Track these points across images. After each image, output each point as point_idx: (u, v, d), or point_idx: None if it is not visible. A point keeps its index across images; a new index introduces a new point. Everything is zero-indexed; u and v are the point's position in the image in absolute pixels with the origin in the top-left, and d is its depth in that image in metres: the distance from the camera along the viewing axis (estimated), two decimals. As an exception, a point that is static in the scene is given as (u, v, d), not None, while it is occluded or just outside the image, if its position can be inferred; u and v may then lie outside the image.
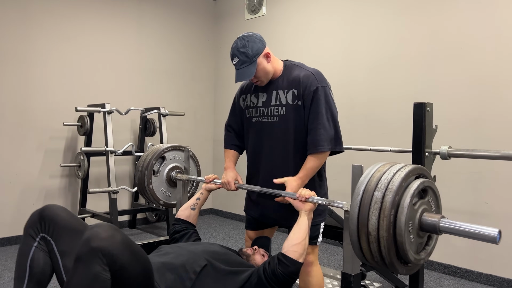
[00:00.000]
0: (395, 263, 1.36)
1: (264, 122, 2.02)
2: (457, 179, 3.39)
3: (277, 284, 1.61)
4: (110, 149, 3.96)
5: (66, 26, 4.34)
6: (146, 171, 2.33)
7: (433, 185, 1.46)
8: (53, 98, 4.26)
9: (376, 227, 1.33)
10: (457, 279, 3.36)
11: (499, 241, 1.25)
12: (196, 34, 5.44)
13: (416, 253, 1.40)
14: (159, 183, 2.42)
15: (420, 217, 1.39)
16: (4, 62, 3.97)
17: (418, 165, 1.46)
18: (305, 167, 1.90)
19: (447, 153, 2.13)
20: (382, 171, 1.42)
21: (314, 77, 1.95)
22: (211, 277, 1.64)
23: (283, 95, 1.97)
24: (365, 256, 1.41)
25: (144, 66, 4.93)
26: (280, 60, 2.08)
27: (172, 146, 2.46)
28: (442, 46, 3.47)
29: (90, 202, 4.46)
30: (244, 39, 1.92)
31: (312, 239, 1.94)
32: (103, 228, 1.40)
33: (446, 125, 3.44)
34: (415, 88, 3.62)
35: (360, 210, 1.38)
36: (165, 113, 4.44)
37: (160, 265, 1.64)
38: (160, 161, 2.42)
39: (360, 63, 4.04)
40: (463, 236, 1.32)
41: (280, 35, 4.79)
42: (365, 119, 4.00)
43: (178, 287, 1.57)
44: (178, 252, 1.74)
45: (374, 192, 1.37)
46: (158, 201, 2.39)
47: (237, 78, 1.91)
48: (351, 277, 1.60)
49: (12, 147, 4.05)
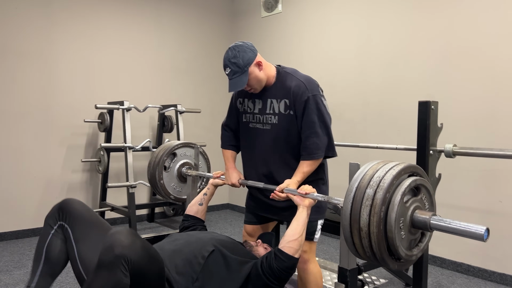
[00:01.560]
0: (386, 258, 1.40)
1: (260, 129, 2.08)
2: (471, 177, 3.37)
3: (274, 278, 1.67)
4: (129, 145, 4.10)
5: (87, 27, 4.50)
6: (158, 167, 2.43)
7: (426, 183, 1.49)
8: (75, 96, 4.42)
9: (367, 223, 1.38)
10: (470, 278, 3.34)
11: (487, 239, 1.28)
12: (213, 32, 5.52)
13: (407, 249, 1.44)
14: (170, 178, 2.51)
15: (412, 214, 1.43)
16: (29, 62, 4.16)
17: (411, 163, 1.49)
18: (301, 171, 1.98)
19: (452, 151, 2.14)
20: (376, 169, 1.46)
21: (305, 87, 1.98)
22: (218, 263, 1.72)
23: (276, 104, 2.02)
24: (357, 251, 1.46)
25: (162, 64, 5.05)
26: (273, 66, 2.11)
27: (183, 143, 2.55)
28: (456, 43, 3.44)
29: (110, 196, 4.62)
30: (235, 49, 1.96)
31: (308, 235, 1.99)
32: (125, 235, 1.46)
33: (460, 122, 3.41)
34: (429, 86, 3.60)
35: (352, 206, 1.42)
36: (181, 110, 4.55)
37: (170, 252, 1.73)
38: (171, 157, 2.52)
39: (374, 61, 4.03)
40: (453, 233, 1.35)
41: (296, 32, 4.82)
42: (379, 116, 4.00)
43: (188, 271, 1.65)
44: (187, 240, 1.83)
45: (366, 189, 1.41)
46: (169, 196, 2.48)
47: (230, 88, 1.96)
48: (347, 271, 1.65)
49: (37, 143, 4.23)
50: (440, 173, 2.25)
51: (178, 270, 1.65)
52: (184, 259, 1.69)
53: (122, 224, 4.79)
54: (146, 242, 1.54)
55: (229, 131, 2.28)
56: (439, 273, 3.44)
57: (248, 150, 2.18)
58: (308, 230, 1.99)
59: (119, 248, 1.40)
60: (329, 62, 4.43)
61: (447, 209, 3.50)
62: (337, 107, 4.38)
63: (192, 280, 1.63)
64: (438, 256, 3.59)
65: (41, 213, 4.28)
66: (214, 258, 1.72)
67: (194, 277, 1.64)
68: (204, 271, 1.67)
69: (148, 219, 5.02)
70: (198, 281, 1.64)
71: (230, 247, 1.83)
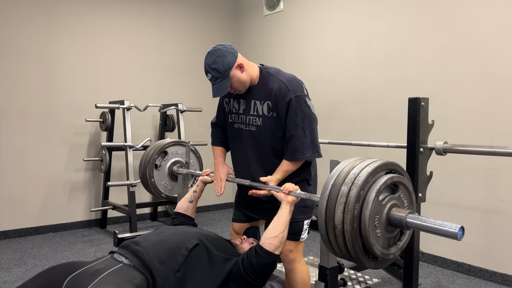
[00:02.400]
0: (361, 257, 1.37)
1: (244, 130, 2.06)
2: (471, 176, 3.30)
3: (254, 274, 1.66)
4: (129, 144, 4.12)
5: (89, 27, 4.54)
6: (148, 165, 2.44)
7: (405, 181, 1.46)
8: (77, 96, 4.47)
9: (341, 220, 1.36)
10: (471, 278, 3.28)
11: (461, 238, 1.24)
12: (215, 30, 5.52)
13: (384, 248, 1.41)
14: (161, 177, 2.52)
15: (389, 212, 1.40)
16: (31, 62, 4.21)
17: (389, 160, 1.46)
18: (282, 169, 1.96)
19: (442, 149, 2.10)
20: (352, 166, 1.44)
21: (287, 88, 1.92)
22: (202, 257, 1.72)
23: (260, 106, 1.99)
24: (334, 249, 1.44)
25: (164, 63, 5.07)
26: (256, 65, 2.05)
27: (174, 141, 2.55)
28: (456, 39, 3.37)
29: (113, 195, 4.66)
30: (214, 54, 1.90)
31: (294, 235, 1.97)
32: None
33: (461, 120, 3.35)
34: (430, 83, 3.54)
35: (328, 204, 1.40)
36: (182, 109, 4.56)
37: (155, 242, 1.73)
38: (162, 155, 2.52)
39: (375, 58, 3.99)
40: (428, 231, 1.32)
41: (298, 30, 4.79)
42: (380, 114, 3.95)
43: (171, 261, 1.65)
44: (173, 232, 1.84)
45: (341, 187, 1.39)
46: (160, 194, 2.49)
47: (214, 94, 1.93)
48: (327, 269, 1.62)
49: (39, 142, 4.29)
50: (431, 171, 2.21)
51: (160, 259, 1.65)
52: (168, 249, 1.69)
53: (124, 222, 4.82)
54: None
55: (218, 128, 2.27)
56: (440, 273, 3.38)
57: (234, 150, 2.17)
58: (295, 230, 1.98)
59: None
60: (330, 60, 4.39)
61: (448, 208, 3.44)
62: (338, 105, 4.34)
63: (173, 271, 1.63)
64: (439, 256, 3.53)
65: (44, 212, 4.33)
66: (198, 251, 1.72)
67: (176, 268, 1.64)
68: (187, 263, 1.67)
69: (151, 217, 5.04)
70: (179, 272, 1.64)
71: (216, 243, 1.82)
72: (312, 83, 4.54)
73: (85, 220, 4.61)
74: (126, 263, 1.62)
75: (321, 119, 4.39)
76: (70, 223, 4.51)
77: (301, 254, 2.05)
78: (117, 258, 1.67)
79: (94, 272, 1.55)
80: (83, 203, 4.60)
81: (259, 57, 5.20)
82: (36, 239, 4.15)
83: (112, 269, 1.57)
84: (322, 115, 4.48)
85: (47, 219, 4.38)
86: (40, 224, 4.33)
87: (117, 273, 1.55)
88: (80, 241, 4.12)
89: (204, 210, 5.49)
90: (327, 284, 1.63)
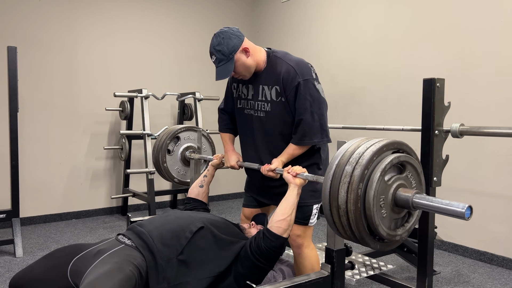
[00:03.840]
0: (365, 237, 1.34)
1: (253, 116, 2.03)
2: (493, 162, 3.19)
3: (262, 257, 1.65)
4: (147, 132, 4.17)
5: (107, 16, 4.59)
6: (161, 150, 2.46)
7: (413, 161, 1.41)
8: (96, 85, 4.54)
9: (345, 200, 1.33)
10: (493, 267, 3.18)
11: (469, 217, 1.20)
12: (232, 18, 5.50)
13: (390, 228, 1.38)
14: (174, 162, 2.53)
15: (395, 192, 1.36)
16: (52, 52, 4.30)
17: (396, 140, 1.42)
18: (288, 152, 1.94)
19: (458, 131, 2.02)
20: (358, 146, 1.41)
21: (295, 72, 1.88)
22: (207, 240, 1.71)
23: (268, 91, 1.95)
24: (338, 230, 1.41)
25: (181, 52, 5.09)
26: (263, 50, 2.00)
27: (186, 126, 2.56)
28: (478, 21, 3.24)
29: (133, 183, 4.74)
30: (219, 36, 1.88)
31: (303, 220, 1.95)
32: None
33: (482, 103, 3.23)
34: (450, 66, 3.43)
35: (331, 184, 1.38)
36: (200, 98, 4.58)
37: (159, 224, 1.75)
38: (175, 141, 2.53)
39: (394, 42, 3.89)
40: (435, 211, 1.28)
41: (316, 17, 4.71)
42: (399, 99, 3.86)
43: (174, 243, 1.65)
44: (178, 215, 1.85)
45: (345, 166, 1.36)
46: (173, 179, 2.51)
47: (217, 76, 1.90)
48: (333, 252, 1.60)
49: (61, 131, 4.39)
50: (447, 155, 2.14)
51: (163, 241, 1.65)
52: (171, 231, 1.70)
53: (144, 210, 4.90)
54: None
55: (226, 114, 2.25)
56: (460, 262, 3.30)
57: (243, 136, 2.15)
58: (303, 214, 1.96)
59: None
60: (349, 45, 4.31)
61: (468, 195, 3.34)
62: (357, 91, 4.27)
63: (176, 253, 1.63)
64: (460, 245, 3.44)
65: (67, 199, 4.45)
66: (203, 234, 1.71)
67: (179, 250, 1.64)
68: (190, 246, 1.66)
69: (171, 205, 5.10)
70: (182, 254, 1.64)
71: (222, 227, 1.82)
72: (331, 69, 4.47)
73: (107, 207, 4.71)
74: (128, 244, 1.64)
75: (339, 106, 4.38)
76: (92, 210, 4.62)
77: (310, 239, 2.03)
78: (120, 239, 1.69)
79: (97, 253, 1.59)
80: (104, 190, 4.70)
81: (277, 44, 5.15)
82: (59, 225, 4.27)
83: (113, 250, 1.59)
84: (341, 102, 4.42)
85: (70, 206, 4.49)
86: (64, 211, 4.44)
87: (117, 254, 1.57)
88: (102, 227, 4.21)
89: (223, 199, 5.52)
90: (333, 266, 1.60)
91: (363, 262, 2.57)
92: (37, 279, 1.62)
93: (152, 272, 1.57)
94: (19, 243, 3.38)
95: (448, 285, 2.84)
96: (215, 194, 5.41)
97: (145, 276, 1.56)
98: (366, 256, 2.67)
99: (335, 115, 4.37)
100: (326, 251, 1.63)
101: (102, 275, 1.42)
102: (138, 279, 1.51)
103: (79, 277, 1.54)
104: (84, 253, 1.62)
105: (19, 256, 3.33)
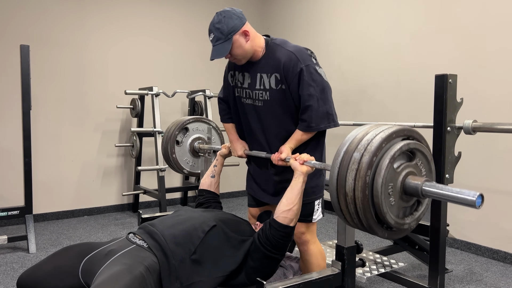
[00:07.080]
0: (373, 225, 1.32)
1: (252, 105, 1.99)
2: (507, 159, 3.13)
3: (271, 247, 1.64)
4: (158, 130, 4.19)
5: (118, 14, 4.64)
6: (170, 141, 2.46)
7: (423, 148, 1.39)
8: (107, 83, 4.59)
9: (353, 188, 1.31)
10: (506, 266, 3.12)
11: (480, 206, 1.17)
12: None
13: (398, 217, 1.35)
14: (183, 153, 2.54)
15: (404, 180, 1.34)
16: (63, 50, 4.35)
17: (406, 126, 1.39)
18: (295, 137, 1.91)
19: (471, 127, 1.99)
20: (366, 132, 1.39)
21: (296, 58, 1.84)
22: (219, 239, 1.71)
23: (267, 79, 1.90)
24: (346, 218, 1.39)
25: (192, 49, 5.11)
26: (262, 37, 1.97)
27: (195, 118, 2.57)
28: (493, 16, 3.19)
29: (144, 180, 4.76)
30: (221, 14, 1.84)
31: (306, 217, 1.93)
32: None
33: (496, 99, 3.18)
34: (464, 62, 3.38)
35: (339, 171, 1.36)
36: (210, 95, 4.59)
37: (171, 224, 1.74)
38: (183, 132, 2.54)
39: (406, 38, 3.84)
40: (445, 200, 1.25)
41: (326, 13, 4.69)
42: (410, 96, 3.81)
43: (187, 243, 1.65)
44: (190, 215, 1.84)
45: (353, 153, 1.34)
46: (182, 170, 2.51)
47: (212, 55, 1.85)
48: (344, 249, 1.57)
49: (73, 128, 4.44)
50: (460, 152, 2.10)
51: (176, 241, 1.65)
52: (184, 231, 1.69)
53: (155, 207, 4.92)
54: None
55: (225, 103, 2.22)
56: (473, 260, 3.24)
57: (245, 124, 2.11)
58: (305, 212, 1.93)
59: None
60: (360, 41, 4.28)
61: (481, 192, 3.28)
62: (368, 87, 4.23)
63: (189, 252, 1.63)
64: (472, 243, 3.38)
65: (79, 196, 4.49)
66: (215, 233, 1.71)
67: (192, 249, 1.63)
68: (203, 245, 1.66)
69: (182, 202, 5.12)
70: (195, 254, 1.63)
71: (233, 224, 1.82)
72: (342, 65, 4.45)
73: (118, 204, 4.74)
74: (140, 244, 1.63)
75: (350, 102, 4.35)
76: (104, 207, 4.65)
77: (315, 235, 2.01)
78: (131, 239, 1.68)
79: (108, 253, 1.58)
80: (115, 187, 4.74)
81: (287, 40, 5.13)
82: (71, 222, 4.31)
83: (124, 250, 1.58)
84: (351, 99, 4.38)
85: (82, 203, 4.54)
86: (75, 207, 4.48)
87: (128, 254, 1.56)
88: (113, 224, 4.24)
89: (233, 196, 5.52)
90: (344, 264, 1.58)
91: (374, 260, 2.54)
92: (46, 278, 1.62)
93: (165, 273, 1.56)
94: (32, 239, 3.41)
95: (460, 284, 2.79)
96: (225, 192, 5.41)
97: (157, 277, 1.55)
98: (377, 254, 2.64)
99: (345, 111, 4.34)
100: (336, 248, 1.61)
101: (110, 277, 1.43)
102: (149, 280, 1.50)
103: (90, 277, 1.55)
104: (95, 253, 1.62)
105: (32, 252, 3.37)
